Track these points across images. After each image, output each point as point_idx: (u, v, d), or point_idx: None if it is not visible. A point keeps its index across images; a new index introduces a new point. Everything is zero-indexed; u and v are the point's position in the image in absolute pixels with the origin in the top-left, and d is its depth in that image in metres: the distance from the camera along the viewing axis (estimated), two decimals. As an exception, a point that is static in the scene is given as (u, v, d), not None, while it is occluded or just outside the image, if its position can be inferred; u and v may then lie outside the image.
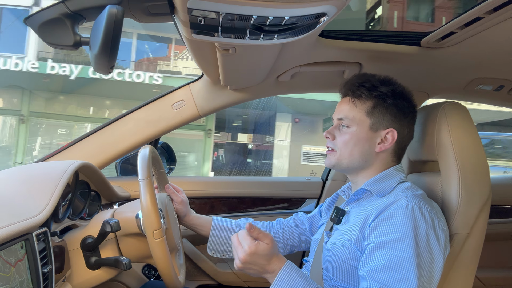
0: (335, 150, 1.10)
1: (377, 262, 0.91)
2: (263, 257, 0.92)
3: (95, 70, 0.81)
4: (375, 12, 6.80)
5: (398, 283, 0.88)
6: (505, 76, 1.44)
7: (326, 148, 1.14)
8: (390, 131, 1.07)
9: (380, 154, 1.09)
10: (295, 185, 1.97)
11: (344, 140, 1.08)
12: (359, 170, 1.11)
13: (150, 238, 0.97)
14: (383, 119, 1.07)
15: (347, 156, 1.08)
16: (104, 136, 1.53)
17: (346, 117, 1.09)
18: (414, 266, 0.88)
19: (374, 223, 0.96)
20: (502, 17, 0.94)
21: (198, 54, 1.15)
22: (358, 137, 1.07)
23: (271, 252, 0.93)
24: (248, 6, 0.70)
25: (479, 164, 1.10)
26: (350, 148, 1.07)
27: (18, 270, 0.76)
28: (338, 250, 1.03)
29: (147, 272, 1.70)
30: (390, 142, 1.07)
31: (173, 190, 1.33)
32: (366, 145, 1.07)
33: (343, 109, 1.10)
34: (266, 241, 0.93)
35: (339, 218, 1.10)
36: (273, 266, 0.93)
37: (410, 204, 0.95)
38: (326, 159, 1.14)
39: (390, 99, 1.06)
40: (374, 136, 1.07)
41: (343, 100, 1.13)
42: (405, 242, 0.90)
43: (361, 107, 1.08)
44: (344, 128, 1.09)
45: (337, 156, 1.10)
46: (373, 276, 0.91)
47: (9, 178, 0.98)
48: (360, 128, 1.07)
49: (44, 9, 0.81)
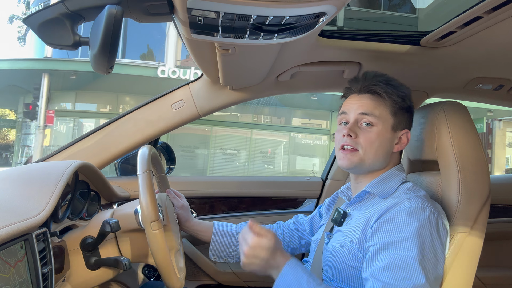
0: (357, 149, 1.04)
1: (381, 262, 0.91)
2: (266, 250, 0.94)
3: (95, 70, 0.80)
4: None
5: (402, 281, 0.87)
6: (504, 75, 1.44)
7: (341, 147, 1.06)
8: (405, 132, 1.08)
9: (394, 154, 1.09)
10: (295, 185, 1.97)
11: (369, 138, 1.03)
12: (375, 172, 1.08)
13: (147, 229, 0.96)
14: (403, 120, 1.07)
15: (372, 156, 1.03)
16: (103, 136, 1.52)
17: (372, 113, 1.04)
18: (419, 264, 0.88)
19: (376, 224, 0.96)
20: (501, 17, 0.94)
21: (198, 54, 1.15)
22: (384, 136, 1.04)
23: (274, 246, 0.95)
24: (247, 6, 0.70)
25: (479, 163, 1.09)
26: (375, 147, 1.03)
27: (18, 270, 0.76)
28: (340, 251, 1.03)
29: (147, 272, 1.70)
30: (405, 143, 1.08)
31: (174, 195, 1.32)
32: (388, 145, 1.06)
33: (368, 105, 1.05)
34: (269, 237, 0.95)
35: (341, 220, 1.09)
36: (277, 261, 0.95)
37: (413, 205, 0.95)
38: (344, 160, 1.05)
39: (409, 101, 1.08)
40: (394, 136, 1.07)
41: (365, 96, 1.07)
42: (408, 242, 0.90)
43: (385, 105, 1.05)
44: (368, 126, 1.04)
45: (360, 156, 1.03)
46: (376, 276, 0.90)
47: (9, 178, 0.98)
48: (385, 127, 1.04)
49: (43, 9, 0.81)
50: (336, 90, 1.46)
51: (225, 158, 11.83)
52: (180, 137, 11.64)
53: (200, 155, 11.80)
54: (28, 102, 11.78)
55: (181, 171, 11.43)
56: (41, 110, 10.28)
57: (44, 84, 10.29)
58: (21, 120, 13.45)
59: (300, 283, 0.92)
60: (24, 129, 13.51)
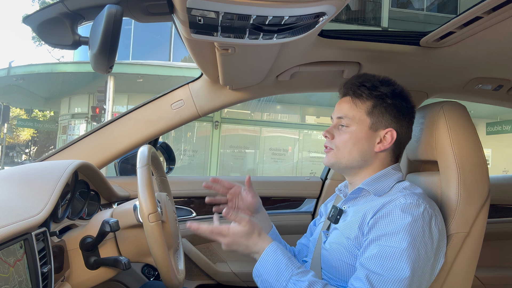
0: (333, 149, 1.10)
1: (370, 252, 0.93)
2: (240, 236, 0.97)
3: (94, 69, 0.80)
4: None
5: (388, 271, 0.89)
6: (504, 75, 1.44)
7: (325, 147, 1.14)
8: (389, 131, 1.07)
9: (379, 154, 1.09)
10: (295, 184, 1.97)
11: (343, 139, 1.08)
12: (357, 170, 1.11)
13: (145, 222, 0.96)
14: (383, 119, 1.07)
15: (346, 155, 1.08)
16: (103, 136, 1.52)
17: (346, 116, 1.09)
18: (407, 257, 0.89)
19: (372, 221, 0.97)
20: (501, 17, 0.94)
21: (198, 53, 1.15)
22: (357, 136, 1.07)
23: (248, 231, 0.98)
24: (247, 6, 0.70)
25: (478, 163, 1.10)
26: (349, 147, 1.07)
27: (17, 270, 0.76)
28: (337, 250, 1.03)
29: (147, 272, 1.70)
30: (389, 142, 1.07)
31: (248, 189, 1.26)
32: (365, 145, 1.07)
33: (343, 108, 1.10)
34: (243, 224, 0.98)
35: (337, 217, 1.10)
36: (258, 246, 0.98)
37: (408, 201, 0.96)
38: (325, 158, 1.14)
39: (389, 99, 1.07)
40: (374, 135, 1.07)
41: (343, 99, 1.13)
42: (400, 235, 0.92)
43: (361, 106, 1.08)
44: (344, 128, 1.09)
45: (335, 155, 1.10)
46: (364, 264, 0.93)
47: (8, 178, 0.98)
48: (359, 127, 1.07)
49: (43, 8, 0.81)
50: (336, 90, 1.46)
51: (274, 158, 11.91)
52: (230, 138, 11.78)
53: (249, 155, 11.91)
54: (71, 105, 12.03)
55: (231, 171, 11.60)
56: (108, 112, 10.47)
57: (110, 87, 10.47)
58: (67, 121, 13.75)
59: (279, 267, 0.94)
60: (69, 130, 13.73)
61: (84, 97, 12.94)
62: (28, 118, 19.90)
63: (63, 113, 14.16)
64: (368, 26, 11.04)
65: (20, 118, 20.28)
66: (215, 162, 11.43)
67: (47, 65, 12.10)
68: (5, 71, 11.53)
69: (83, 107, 13.06)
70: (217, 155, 11.48)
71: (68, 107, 13.74)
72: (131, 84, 11.09)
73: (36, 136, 23.76)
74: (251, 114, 12.08)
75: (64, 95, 13.53)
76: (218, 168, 11.40)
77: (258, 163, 11.86)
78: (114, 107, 11.10)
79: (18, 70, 11.58)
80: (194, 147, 11.97)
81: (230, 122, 11.77)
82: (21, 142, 25.47)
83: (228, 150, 11.65)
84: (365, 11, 11.31)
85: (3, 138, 15.41)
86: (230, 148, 11.70)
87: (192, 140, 12.15)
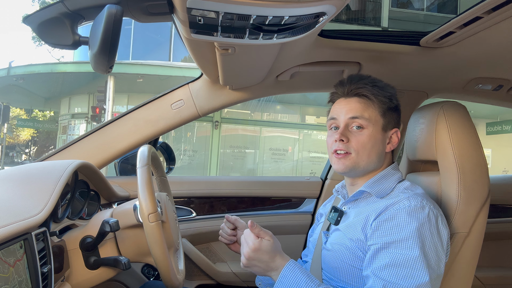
0: (350, 152, 1.04)
1: (382, 261, 0.92)
2: (267, 253, 0.95)
3: (94, 69, 0.80)
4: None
5: (404, 280, 0.88)
6: (504, 75, 1.44)
7: (334, 152, 1.06)
8: (395, 131, 1.09)
9: (387, 154, 1.10)
10: (295, 184, 1.97)
11: (361, 141, 1.03)
12: (369, 172, 1.08)
13: (145, 222, 0.96)
14: (391, 119, 1.08)
15: (365, 158, 1.04)
16: (103, 136, 1.52)
17: (361, 116, 1.04)
18: (422, 264, 0.88)
19: (375, 223, 0.96)
20: (501, 17, 0.94)
21: (198, 53, 1.15)
22: (375, 138, 1.04)
23: (274, 249, 0.96)
24: (247, 6, 0.70)
25: (478, 163, 1.10)
26: (368, 150, 1.03)
27: (17, 270, 0.76)
28: (339, 250, 1.03)
29: (147, 272, 1.70)
30: (396, 142, 1.08)
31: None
32: (381, 146, 1.06)
33: (357, 108, 1.05)
34: (267, 238, 0.96)
35: (338, 219, 1.10)
36: (276, 264, 0.96)
37: (412, 204, 0.95)
38: (339, 164, 1.05)
39: (395, 100, 1.09)
40: (385, 136, 1.07)
41: (352, 99, 1.07)
42: (409, 241, 0.91)
43: (374, 106, 1.06)
44: (359, 129, 1.04)
45: (353, 159, 1.04)
46: (377, 274, 0.91)
47: (8, 178, 0.98)
48: (376, 128, 1.05)
49: (43, 8, 0.81)
50: (336, 90, 1.46)
51: (274, 158, 11.91)
52: (230, 138, 11.78)
53: (249, 154, 11.92)
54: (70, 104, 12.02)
55: (231, 171, 11.59)
56: (108, 112, 10.46)
57: (110, 87, 10.47)
58: (67, 121, 13.78)
59: (299, 286, 0.92)
60: (69, 130, 13.76)
61: (84, 97, 12.95)
62: (28, 118, 19.94)
63: (63, 113, 14.19)
64: (368, 26, 11.08)
65: (20, 118, 20.30)
66: (215, 162, 11.43)
67: (47, 65, 12.12)
68: (5, 71, 11.54)
69: (83, 107, 13.06)
70: (217, 155, 11.48)
71: (68, 107, 13.76)
72: (131, 84, 11.10)
73: (36, 136, 23.79)
74: (251, 114, 12.08)
75: (64, 95, 13.54)
76: (218, 168, 11.41)
77: (258, 163, 11.87)
78: (114, 107, 11.13)
79: (18, 70, 11.59)
80: (194, 147, 11.98)
81: (230, 122, 11.76)
82: (21, 142, 25.50)
83: (228, 150, 11.66)
84: (365, 11, 11.35)
85: (3, 138, 15.43)
86: (230, 148, 11.70)
87: (192, 140, 12.15)
